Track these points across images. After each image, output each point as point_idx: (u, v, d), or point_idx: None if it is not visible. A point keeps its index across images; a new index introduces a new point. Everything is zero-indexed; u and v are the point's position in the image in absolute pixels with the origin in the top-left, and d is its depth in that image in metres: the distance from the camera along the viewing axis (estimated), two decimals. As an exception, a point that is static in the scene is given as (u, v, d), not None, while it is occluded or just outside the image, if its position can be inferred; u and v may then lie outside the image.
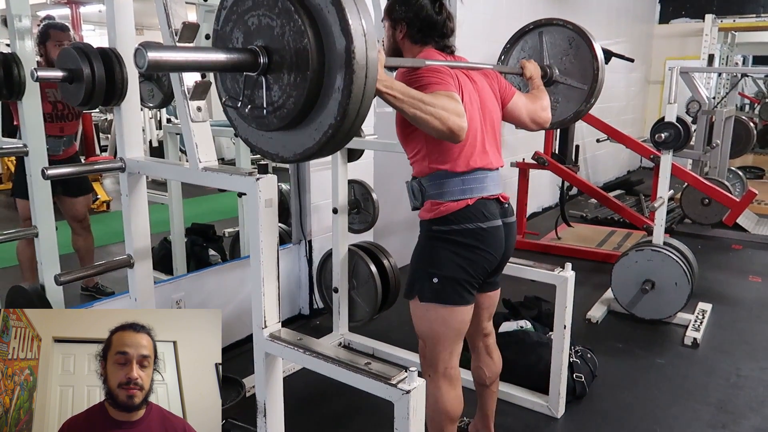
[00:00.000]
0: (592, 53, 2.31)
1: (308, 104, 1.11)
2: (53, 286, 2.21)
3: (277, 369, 1.65)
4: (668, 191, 3.28)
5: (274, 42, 1.10)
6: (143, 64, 0.98)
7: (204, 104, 1.57)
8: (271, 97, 1.14)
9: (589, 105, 2.35)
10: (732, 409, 2.58)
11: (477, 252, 1.76)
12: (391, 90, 1.48)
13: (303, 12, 1.06)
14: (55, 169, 1.71)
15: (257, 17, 1.11)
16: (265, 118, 1.17)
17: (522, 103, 2.00)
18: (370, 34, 1.06)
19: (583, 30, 2.32)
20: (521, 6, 5.25)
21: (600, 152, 7.20)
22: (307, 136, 1.18)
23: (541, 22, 2.39)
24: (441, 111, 1.52)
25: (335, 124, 1.11)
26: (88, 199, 3.53)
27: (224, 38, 1.19)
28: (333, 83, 1.08)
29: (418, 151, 1.78)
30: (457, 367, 1.87)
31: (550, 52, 2.36)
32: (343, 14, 1.03)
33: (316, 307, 3.46)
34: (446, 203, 1.74)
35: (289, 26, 1.07)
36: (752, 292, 3.99)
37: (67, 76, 1.63)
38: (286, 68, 1.10)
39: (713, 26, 7.73)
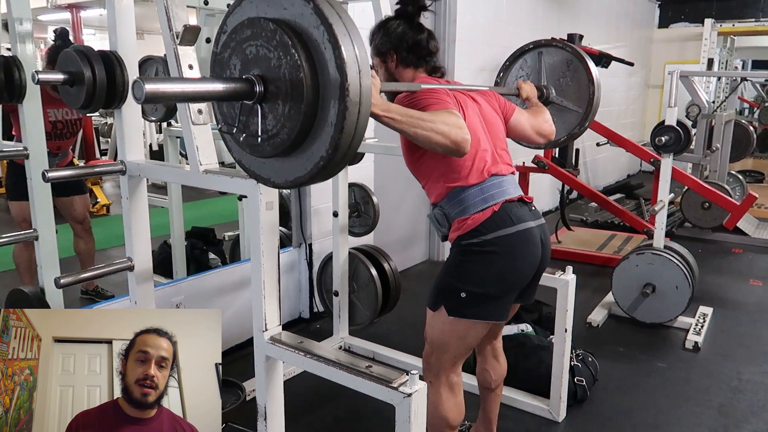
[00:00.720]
0: (589, 77, 2.33)
1: (301, 135, 1.13)
2: (53, 289, 2.21)
3: (277, 372, 1.65)
4: (668, 195, 3.28)
5: (270, 72, 1.11)
6: (141, 95, 0.99)
7: (205, 107, 1.57)
8: (266, 126, 1.16)
9: (582, 128, 2.37)
10: (733, 413, 2.57)
11: (511, 262, 1.70)
12: (389, 113, 1.49)
13: (300, 47, 1.07)
14: (56, 172, 1.71)
15: (255, 47, 1.12)
16: (259, 145, 1.19)
17: (524, 118, 2.02)
18: (364, 67, 1.07)
19: (581, 53, 2.34)
20: (521, 11, 5.26)
21: (600, 156, 7.21)
22: (299, 165, 1.20)
23: (541, 43, 2.42)
24: (442, 126, 1.52)
25: (326, 157, 1.13)
26: (85, 199, 3.53)
27: (222, 63, 1.20)
28: (326, 117, 1.10)
29: (429, 174, 1.77)
30: (460, 374, 1.87)
31: (548, 73, 2.39)
32: (339, 52, 1.04)
33: (317, 311, 3.45)
34: (472, 216, 1.70)
35: (285, 60, 1.08)
36: (753, 296, 3.98)
37: (68, 79, 1.63)
38: (281, 99, 1.12)
39: (712, 30, 7.75)
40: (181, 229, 3.67)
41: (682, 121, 3.64)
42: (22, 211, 3.09)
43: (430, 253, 4.69)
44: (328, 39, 1.04)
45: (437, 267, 4.14)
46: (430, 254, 4.70)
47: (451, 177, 1.73)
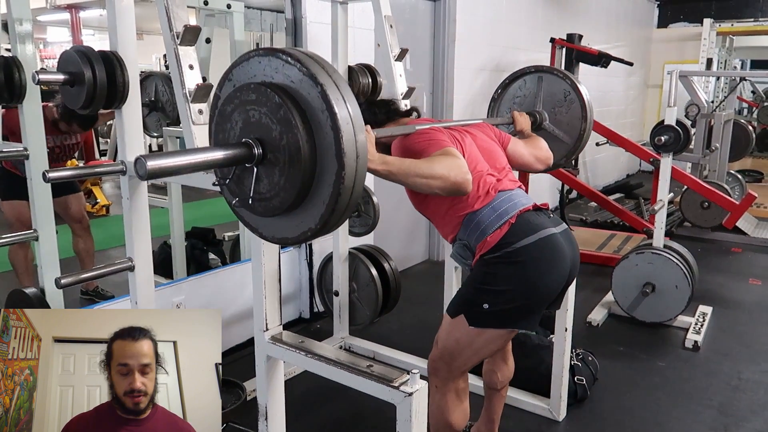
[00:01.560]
0: (583, 113, 2.37)
1: (293, 206, 1.15)
2: (53, 290, 2.21)
3: (278, 372, 1.65)
4: (668, 194, 3.28)
5: (270, 141, 1.13)
6: (144, 173, 1.01)
7: (205, 107, 1.57)
8: (260, 188, 1.18)
9: (568, 160, 2.42)
10: (733, 412, 2.57)
11: (540, 271, 1.66)
12: (386, 166, 1.51)
13: (302, 126, 1.08)
14: (56, 172, 1.71)
15: (259, 113, 1.13)
16: (251, 205, 1.21)
17: (521, 146, 2.05)
18: (362, 154, 1.09)
19: (580, 89, 2.37)
20: (521, 11, 5.26)
21: (599, 156, 7.21)
22: (287, 227, 1.21)
23: (543, 68, 2.46)
24: (440, 170, 1.53)
25: (314, 229, 1.16)
26: (79, 197, 3.53)
27: (224, 116, 1.20)
28: (320, 193, 1.12)
29: (438, 210, 1.78)
30: (467, 379, 1.86)
31: (545, 99, 2.43)
32: (340, 143, 1.06)
33: (317, 311, 3.45)
34: (491, 235, 1.67)
35: (287, 136, 1.09)
36: (752, 295, 3.99)
37: (69, 79, 1.63)
38: (278, 168, 1.13)
39: (711, 30, 7.75)
40: (182, 230, 3.67)
41: (682, 120, 3.64)
42: (14, 210, 3.10)
43: (430, 253, 4.70)
44: (332, 126, 1.06)
45: (437, 267, 4.15)
46: (430, 254, 4.70)
47: (460, 206, 1.72)
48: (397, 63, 2.56)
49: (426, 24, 4.29)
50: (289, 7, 3.17)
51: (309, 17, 3.17)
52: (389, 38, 2.54)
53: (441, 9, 4.29)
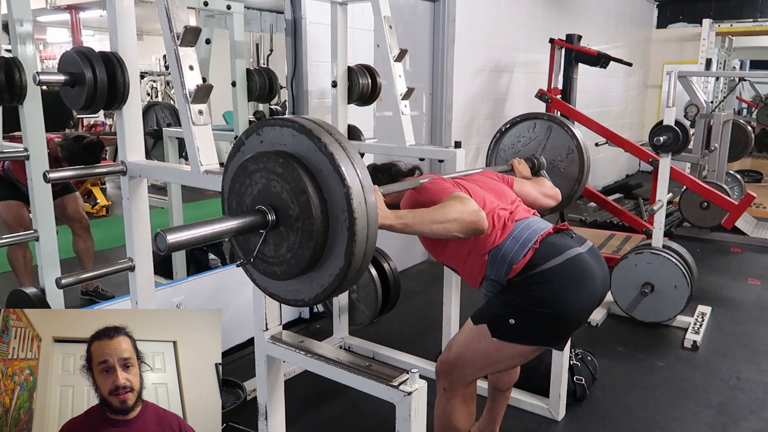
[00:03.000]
0: (579, 176, 2.44)
1: (309, 267, 1.17)
2: (54, 290, 2.21)
3: (278, 371, 1.65)
4: (667, 194, 3.29)
5: (285, 217, 1.15)
6: (165, 247, 1.05)
7: (206, 107, 1.57)
8: (265, 251, 1.21)
9: (552, 212, 2.42)
10: (732, 411, 2.58)
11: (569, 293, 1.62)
12: (401, 219, 1.53)
13: (322, 219, 1.11)
14: (57, 173, 1.72)
15: (281, 188, 1.14)
16: (254, 263, 1.24)
17: (528, 185, 2.09)
18: (372, 227, 1.14)
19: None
20: (520, 12, 5.27)
21: (599, 156, 7.22)
22: (303, 290, 1.24)
23: (555, 120, 2.51)
24: (453, 213, 1.56)
25: (329, 288, 1.19)
26: (76, 197, 3.53)
27: (246, 171, 1.20)
28: (333, 255, 1.15)
29: (460, 256, 1.77)
30: (476, 384, 1.85)
31: (549, 149, 2.47)
32: (351, 214, 1.09)
33: (317, 311, 3.46)
34: (517, 264, 1.65)
35: (304, 221, 1.12)
36: (751, 295, 3.99)
37: (69, 80, 1.63)
38: (286, 243, 1.16)
39: (711, 31, 7.75)
40: (181, 230, 3.67)
41: (681, 121, 3.64)
42: (9, 210, 3.10)
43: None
44: (346, 206, 1.09)
45: (437, 267, 4.14)
46: (429, 254, 4.70)
47: (480, 245, 1.71)
48: (396, 63, 2.56)
49: (425, 24, 4.29)
50: (288, 7, 3.18)
51: (309, 18, 3.17)
52: (389, 39, 2.54)
53: (440, 9, 4.29)
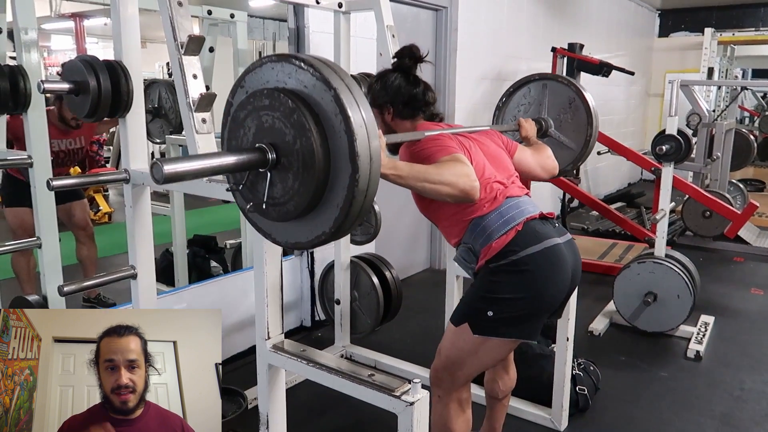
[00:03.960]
0: (588, 119, 2.36)
1: (307, 210, 1.16)
2: (56, 297, 2.21)
3: (279, 380, 1.65)
4: (669, 203, 3.29)
5: (284, 145, 1.13)
6: (161, 177, 1.02)
7: (209, 116, 1.58)
8: (273, 193, 1.18)
9: (575, 166, 2.42)
10: (736, 422, 2.56)
11: (545, 280, 1.67)
12: (396, 170, 1.51)
13: (316, 130, 1.09)
14: (60, 180, 1.72)
15: (272, 118, 1.14)
16: (265, 210, 1.21)
17: (528, 154, 2.06)
18: (375, 157, 1.10)
19: (584, 94, 2.38)
20: (522, 21, 5.29)
21: (601, 165, 7.22)
22: (301, 232, 1.22)
23: (547, 76, 2.47)
24: (449, 176, 1.54)
25: (329, 233, 1.16)
26: (84, 204, 3.54)
27: (237, 122, 1.21)
28: (334, 198, 1.13)
29: (444, 214, 1.78)
30: (470, 389, 1.86)
31: (550, 107, 2.43)
32: (353, 146, 1.07)
33: (318, 319, 3.45)
34: (497, 240, 1.67)
35: (300, 140, 1.10)
36: (755, 305, 3.98)
37: (74, 88, 1.65)
38: (291, 173, 1.14)
39: (713, 40, 7.77)
40: (184, 238, 3.68)
41: (683, 129, 3.65)
42: (17, 217, 3.11)
43: (432, 262, 4.70)
44: (345, 130, 1.07)
45: (439, 275, 4.14)
46: (431, 262, 4.70)
47: (467, 210, 1.72)
48: (399, 72, 2.57)
49: (428, 33, 4.31)
50: (291, 16, 3.19)
51: (312, 26, 3.19)
52: (391, 47, 2.55)
53: (443, 18, 4.31)
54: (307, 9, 3.14)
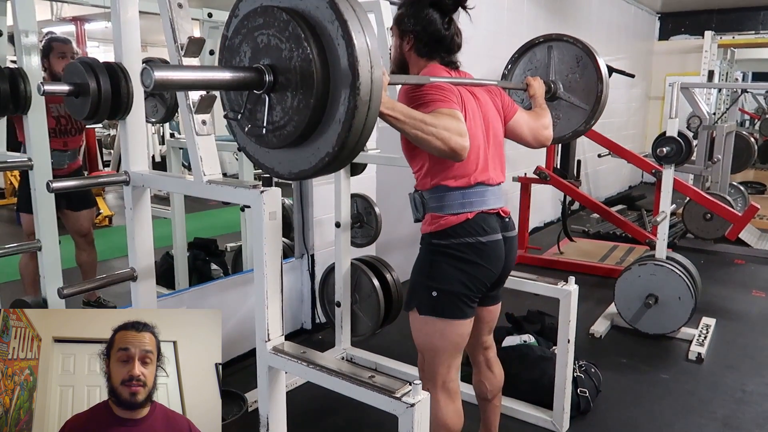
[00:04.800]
0: (598, 75, 2.29)
1: (309, 129, 1.12)
2: (56, 300, 2.21)
3: (280, 383, 1.64)
4: (670, 206, 3.28)
5: (281, 63, 1.10)
6: (150, 83, 0.98)
7: (209, 118, 1.57)
8: (273, 117, 1.15)
9: (588, 126, 2.34)
10: (737, 424, 2.55)
11: (476, 266, 1.75)
12: (393, 111, 1.49)
13: (313, 40, 1.06)
14: (60, 182, 1.72)
15: (267, 36, 1.11)
16: (264, 136, 1.17)
17: (524, 120, 1.99)
18: (376, 64, 1.06)
19: (591, 50, 2.31)
20: (522, 23, 5.29)
21: (601, 167, 7.22)
22: (303, 158, 1.19)
23: (552, 37, 2.39)
24: (443, 131, 1.52)
25: (333, 153, 1.12)
26: (92, 213, 3.55)
27: (232, 50, 1.18)
28: (335, 113, 1.08)
29: (421, 167, 1.79)
30: (457, 380, 1.86)
31: (557, 68, 2.36)
32: (352, 49, 1.02)
33: (319, 322, 3.45)
34: (446, 216, 1.74)
35: (297, 52, 1.07)
36: (756, 307, 3.97)
37: (74, 90, 1.64)
38: (290, 91, 1.10)
39: (713, 43, 7.78)
40: (184, 240, 3.68)
41: (684, 132, 3.65)
42: (29, 223, 3.10)
43: (432, 264, 4.68)
44: (342, 35, 1.03)
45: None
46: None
47: (439, 174, 1.74)
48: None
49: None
50: (292, 19, 3.19)
51: (312, 29, 3.19)
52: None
53: (443, 21, 4.31)
54: (307, 12, 3.14)
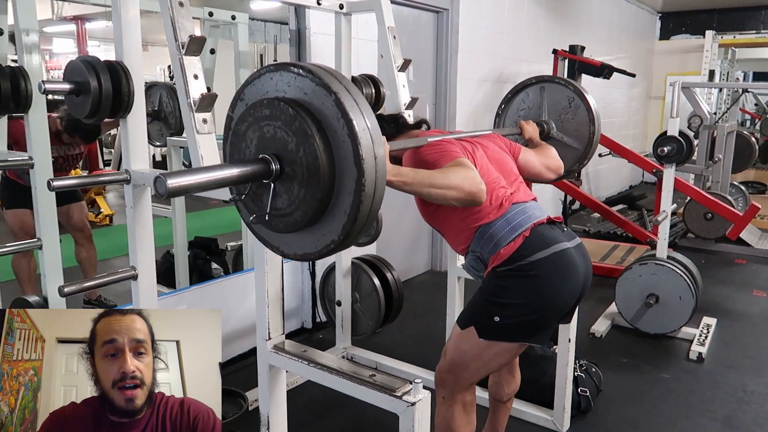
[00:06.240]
0: (590, 116, 2.36)
1: (315, 218, 1.15)
2: (56, 298, 2.21)
3: (280, 381, 1.64)
4: (671, 205, 3.28)
5: (287, 154, 1.12)
6: (164, 191, 1.02)
7: (210, 116, 1.58)
8: (278, 204, 1.17)
9: (582, 165, 2.40)
10: (738, 424, 2.55)
11: (554, 286, 1.64)
12: (400, 177, 1.50)
13: (319, 137, 1.08)
14: (61, 181, 1.72)
15: (273, 128, 1.13)
16: (269, 221, 1.20)
17: (532, 155, 2.05)
18: (381, 162, 1.09)
19: (582, 92, 2.37)
20: (523, 23, 5.29)
21: (602, 167, 7.21)
22: (308, 243, 1.21)
23: (543, 78, 2.46)
24: (455, 180, 1.53)
25: (338, 241, 1.15)
26: (82, 206, 3.54)
27: (238, 135, 1.19)
28: (341, 204, 1.12)
29: (450, 222, 1.76)
30: (474, 392, 1.83)
31: (550, 108, 2.42)
32: (358, 149, 1.06)
33: (319, 321, 3.45)
34: (505, 248, 1.65)
35: (304, 147, 1.09)
36: (757, 307, 3.97)
37: (75, 89, 1.64)
38: (296, 182, 1.13)
39: (714, 42, 7.77)
40: (185, 239, 3.67)
41: (684, 131, 3.64)
42: (17, 219, 3.11)
43: (433, 263, 4.69)
44: (348, 134, 1.07)
45: (440, 277, 4.14)
46: (432, 264, 4.69)
47: (473, 218, 1.70)
48: (400, 73, 2.57)
49: (429, 35, 4.31)
50: (293, 18, 3.20)
51: (313, 28, 3.19)
52: (392, 49, 2.55)
53: (444, 20, 4.31)
54: (308, 10, 3.14)
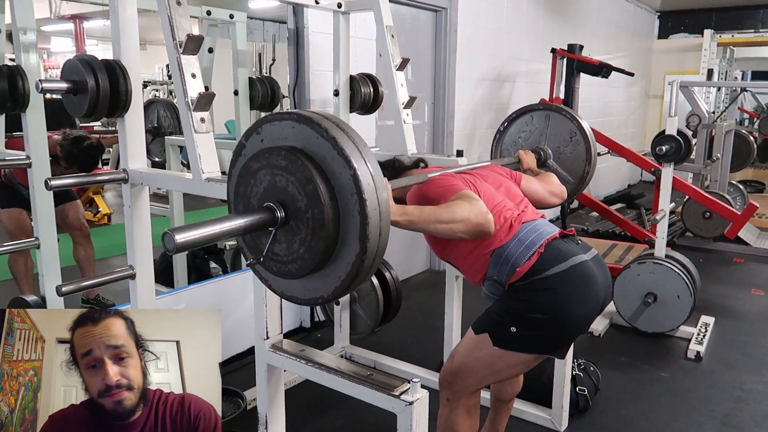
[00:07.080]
0: (587, 156, 2.39)
1: (318, 267, 1.15)
2: (54, 298, 2.20)
3: (278, 380, 1.64)
4: (669, 204, 3.28)
5: (294, 210, 1.13)
6: (172, 247, 1.03)
7: (207, 115, 1.58)
8: (277, 250, 1.18)
9: (569, 199, 2.41)
10: (736, 423, 2.56)
11: (572, 300, 1.61)
12: (405, 216, 1.50)
13: (331, 205, 1.09)
14: (59, 180, 1.72)
15: (286, 181, 1.13)
16: (265, 263, 1.21)
17: (534, 182, 2.06)
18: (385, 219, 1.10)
19: (586, 130, 2.39)
20: (522, 22, 5.29)
21: (601, 166, 7.16)
22: (298, 290, 1.22)
23: (551, 107, 2.48)
24: (461, 213, 1.53)
25: (325, 298, 1.17)
26: (77, 205, 3.53)
27: (249, 171, 1.19)
28: (345, 255, 1.12)
29: (462, 252, 1.75)
30: (479, 396, 1.82)
31: (550, 137, 2.44)
32: (365, 213, 1.07)
33: (317, 320, 3.45)
34: (521, 267, 1.63)
35: (313, 210, 1.10)
36: (755, 306, 3.97)
37: (72, 88, 1.64)
38: (299, 237, 1.14)
39: (712, 41, 7.77)
40: (183, 238, 3.67)
41: (683, 130, 3.65)
42: (12, 217, 3.10)
43: (432, 263, 4.69)
44: (359, 211, 1.08)
45: (438, 276, 4.14)
46: (431, 263, 4.69)
47: (485, 244, 1.69)
48: (398, 72, 2.57)
49: (427, 34, 4.31)
50: (291, 16, 3.19)
51: (311, 27, 3.19)
52: (391, 48, 2.55)
53: (442, 19, 4.31)
54: (306, 9, 3.14)
